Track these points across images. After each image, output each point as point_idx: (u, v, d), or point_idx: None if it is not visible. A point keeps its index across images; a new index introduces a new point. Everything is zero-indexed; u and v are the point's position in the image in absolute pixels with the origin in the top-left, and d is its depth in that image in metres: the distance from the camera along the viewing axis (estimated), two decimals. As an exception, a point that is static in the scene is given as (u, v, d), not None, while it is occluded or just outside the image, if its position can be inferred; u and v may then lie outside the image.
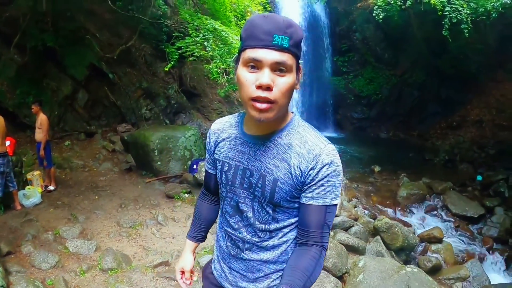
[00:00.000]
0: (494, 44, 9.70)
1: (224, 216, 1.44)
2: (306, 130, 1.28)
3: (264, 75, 1.12)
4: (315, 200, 1.23)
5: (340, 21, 12.88)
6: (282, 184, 1.24)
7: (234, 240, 1.41)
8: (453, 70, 10.42)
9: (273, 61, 1.12)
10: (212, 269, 1.57)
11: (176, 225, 5.00)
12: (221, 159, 1.40)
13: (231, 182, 1.36)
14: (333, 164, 1.21)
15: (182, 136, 7.04)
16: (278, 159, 1.25)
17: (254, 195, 1.31)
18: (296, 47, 1.15)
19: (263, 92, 1.13)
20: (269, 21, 1.13)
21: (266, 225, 1.32)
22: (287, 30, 1.12)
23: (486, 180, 8.40)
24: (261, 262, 1.37)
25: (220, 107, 12.33)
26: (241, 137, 1.35)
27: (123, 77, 8.67)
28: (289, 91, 1.17)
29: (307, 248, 1.25)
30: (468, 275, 5.22)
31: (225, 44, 6.04)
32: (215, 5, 6.62)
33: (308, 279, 1.18)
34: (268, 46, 1.11)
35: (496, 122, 9.79)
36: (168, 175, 6.71)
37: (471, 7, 6.50)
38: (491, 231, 6.77)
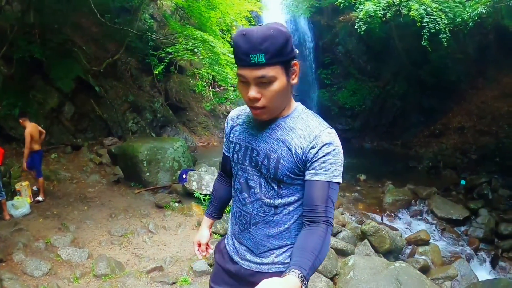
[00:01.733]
0: (473, 53, 10.07)
1: (235, 192, 1.57)
2: (309, 116, 1.43)
3: (250, 91, 1.29)
4: (317, 175, 1.32)
5: (323, 34, 13.17)
6: (284, 161, 1.36)
7: (243, 215, 1.53)
8: (434, 80, 10.73)
9: (254, 77, 1.26)
10: (225, 244, 1.70)
11: (167, 233, 4.99)
12: (234, 140, 1.55)
13: (241, 160, 1.50)
14: (332, 144, 1.33)
15: (171, 148, 7.07)
16: (281, 140, 1.39)
17: (260, 172, 1.44)
18: (276, 56, 1.25)
19: (253, 102, 1.31)
20: (246, 40, 1.24)
21: (271, 200, 1.44)
22: (262, 47, 1.22)
23: (470, 184, 8.62)
24: (266, 237, 1.48)
25: (206, 121, 12.40)
26: (252, 121, 1.51)
27: (110, 90, 8.69)
28: (277, 95, 1.31)
29: (313, 227, 1.31)
30: (456, 274, 5.32)
31: (214, 53, 6.17)
32: (201, 19, 6.77)
33: (317, 258, 1.24)
34: (247, 66, 1.25)
35: (477, 128, 10.07)
36: (157, 185, 6.70)
37: (449, 17, 6.78)
38: (476, 232, 6.91)
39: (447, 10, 6.78)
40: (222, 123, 12.56)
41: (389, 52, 11.72)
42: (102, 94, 8.46)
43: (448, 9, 6.81)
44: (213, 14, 6.82)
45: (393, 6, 6.95)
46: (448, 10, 6.81)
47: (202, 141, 12.10)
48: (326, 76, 13.66)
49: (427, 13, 6.68)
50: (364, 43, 12.23)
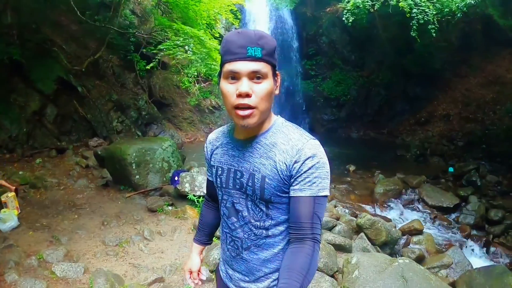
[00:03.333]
0: (456, 42, 10.17)
1: (223, 218, 1.53)
2: (290, 129, 1.38)
3: (243, 84, 1.24)
4: (302, 191, 1.28)
5: (307, 26, 13.10)
6: (270, 180, 1.32)
7: (233, 241, 1.49)
8: (418, 68, 10.81)
9: (249, 70, 1.24)
10: (219, 271, 1.67)
11: (164, 239, 4.86)
12: (216, 164, 1.51)
13: (225, 184, 1.46)
14: (316, 156, 1.29)
15: (159, 148, 6.88)
16: (264, 157, 1.35)
17: (246, 194, 1.39)
18: (270, 56, 1.27)
19: (243, 100, 1.25)
20: (242, 36, 1.25)
21: (261, 222, 1.39)
22: (259, 42, 1.25)
23: (458, 171, 8.77)
24: (260, 261, 1.44)
25: (191, 116, 12.23)
26: (231, 142, 1.47)
27: (92, 90, 8.41)
28: (267, 96, 1.28)
29: (300, 244, 1.28)
30: (451, 262, 5.41)
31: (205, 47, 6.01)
32: (188, 13, 6.55)
33: (305, 278, 1.21)
34: (243, 58, 1.24)
35: (462, 115, 10.23)
36: (148, 188, 6.52)
37: (437, 8, 6.80)
38: (467, 219, 7.04)
39: (435, 1, 6.79)
40: (208, 118, 12.41)
41: (373, 42, 11.75)
42: (84, 94, 8.17)
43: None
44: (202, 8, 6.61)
45: (381, -4, 6.92)
46: (436, 0, 6.82)
47: (188, 137, 11.94)
48: (311, 67, 13.65)
49: (416, 3, 6.68)
50: (348, 34, 12.21)
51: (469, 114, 10.03)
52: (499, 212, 6.91)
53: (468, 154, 9.32)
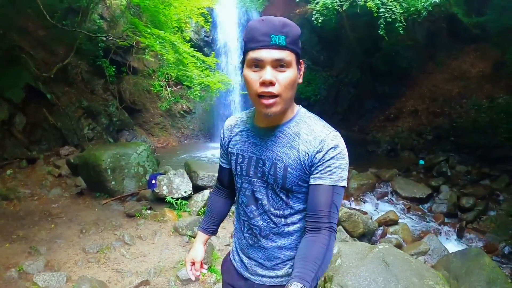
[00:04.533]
0: (422, 40, 10.56)
1: (241, 206, 1.52)
2: (313, 120, 1.38)
3: (267, 72, 1.23)
4: (322, 180, 1.29)
5: (275, 27, 13.23)
6: (292, 169, 1.33)
7: (251, 229, 1.48)
8: (386, 67, 11.13)
9: (273, 58, 1.23)
10: (231, 261, 1.65)
11: (145, 243, 4.80)
12: (235, 151, 1.49)
13: (245, 172, 1.45)
14: (338, 147, 1.30)
15: (134, 153, 6.78)
16: (287, 147, 1.35)
17: (267, 183, 1.39)
18: (294, 44, 1.25)
19: (267, 88, 1.24)
20: (266, 23, 1.24)
21: (280, 211, 1.40)
22: (283, 30, 1.23)
23: (428, 163, 9.09)
24: (278, 248, 1.44)
25: (163, 121, 12.10)
26: (252, 130, 1.45)
27: (62, 97, 8.17)
28: (291, 84, 1.27)
29: (316, 234, 1.28)
30: (428, 248, 5.62)
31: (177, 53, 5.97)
32: (159, 17, 6.47)
33: (320, 268, 1.21)
34: (267, 46, 1.22)
35: (430, 110, 10.60)
36: (124, 194, 6.41)
37: (403, 7, 7.06)
38: (440, 208, 7.33)
39: (401, 0, 7.04)
40: (179, 122, 12.30)
41: (341, 42, 12.00)
42: (54, 101, 7.92)
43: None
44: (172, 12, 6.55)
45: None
46: (402, 0, 7.07)
47: (160, 142, 11.80)
48: (283, 68, 13.78)
49: (383, 3, 6.91)
50: (316, 34, 12.42)
51: (436, 108, 10.41)
52: (470, 199, 7.23)
53: (437, 147, 9.67)
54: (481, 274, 4.16)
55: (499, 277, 4.16)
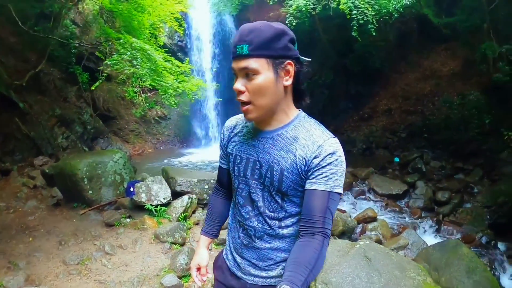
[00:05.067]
0: (394, 40, 10.82)
1: (237, 207, 1.53)
2: (312, 125, 1.39)
3: (235, 83, 1.30)
4: (317, 185, 1.29)
5: (248, 32, 13.26)
6: (288, 173, 1.34)
7: (246, 230, 1.49)
8: (359, 67, 11.33)
9: (239, 68, 1.28)
10: (224, 260, 1.66)
11: (126, 252, 4.72)
12: (234, 152, 1.51)
13: (243, 173, 1.46)
14: (335, 153, 1.30)
15: (111, 161, 6.65)
16: (284, 150, 1.35)
17: (264, 185, 1.41)
18: (261, 49, 1.25)
19: (238, 96, 1.31)
20: (238, 33, 1.27)
21: (275, 214, 1.41)
22: (247, 38, 1.24)
23: (403, 160, 9.29)
24: (272, 250, 1.45)
25: (137, 128, 11.94)
26: (251, 132, 1.46)
27: (34, 105, 7.93)
28: (260, 91, 1.28)
29: (310, 238, 1.28)
30: (407, 243, 5.74)
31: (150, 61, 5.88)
32: (132, 23, 6.36)
33: (311, 272, 1.21)
34: (234, 58, 1.28)
35: (403, 109, 10.86)
36: (102, 203, 6.27)
37: (375, 9, 7.24)
38: (417, 203, 7.51)
39: (373, 3, 7.22)
40: (155, 129, 12.16)
41: (314, 44, 12.13)
42: (26, 110, 7.68)
43: (374, 1, 7.24)
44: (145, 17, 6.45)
45: (322, 0, 7.21)
46: (374, 2, 7.25)
47: (136, 150, 11.64)
48: (254, 71, 13.82)
49: (355, 5, 7.06)
50: (289, 37, 12.53)
51: (409, 107, 10.68)
52: (446, 193, 7.45)
53: (411, 144, 9.92)
54: (461, 264, 4.27)
55: (478, 266, 4.30)
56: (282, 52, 1.29)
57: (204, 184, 6.02)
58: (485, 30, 7.58)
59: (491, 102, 8.32)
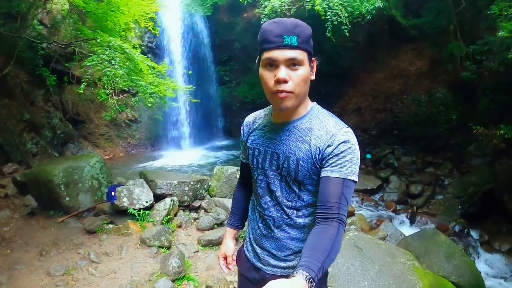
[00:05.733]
0: (363, 41, 11.11)
1: (256, 198, 1.60)
2: (326, 116, 1.47)
3: (281, 71, 1.31)
4: (332, 172, 1.34)
5: (219, 32, 13.25)
6: (304, 162, 1.40)
7: (265, 220, 1.55)
8: (329, 68, 11.56)
9: (286, 58, 1.30)
10: (245, 251, 1.72)
11: (112, 259, 4.61)
12: (252, 146, 1.58)
13: (261, 165, 1.53)
14: (348, 142, 1.36)
15: (87, 165, 6.44)
16: (300, 141, 1.42)
17: (281, 175, 1.47)
18: (305, 43, 1.33)
19: (281, 85, 1.32)
20: (278, 25, 1.32)
21: (293, 203, 1.47)
22: (295, 30, 1.31)
23: (376, 157, 9.60)
24: (290, 239, 1.51)
25: (108, 132, 11.62)
26: (269, 125, 1.54)
27: (2, 110, 7.53)
28: (303, 82, 1.35)
29: (325, 225, 1.31)
30: (386, 234, 5.98)
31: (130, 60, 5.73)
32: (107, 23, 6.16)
33: (327, 258, 1.23)
34: (280, 47, 1.30)
35: (373, 107, 11.19)
36: (80, 209, 6.06)
37: (348, 10, 7.46)
38: (391, 196, 7.82)
39: (346, 5, 7.43)
40: (125, 132, 11.88)
41: (286, 45, 12.27)
42: (-7, 115, 7.30)
43: (347, 3, 7.47)
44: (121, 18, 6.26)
45: (297, 1, 7.34)
46: (347, 4, 7.47)
47: (107, 154, 11.31)
48: (225, 72, 13.82)
49: (330, 7, 7.24)
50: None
51: (379, 105, 11.03)
52: (418, 186, 7.80)
53: (382, 141, 10.26)
54: (440, 251, 4.51)
55: (456, 251, 4.56)
56: (311, 50, 1.38)
57: (185, 186, 5.96)
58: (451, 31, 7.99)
59: (458, 98, 8.77)
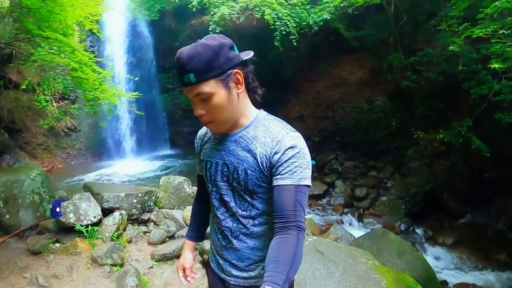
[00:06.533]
0: (305, 51, 11.51)
1: (213, 210, 1.60)
2: (271, 122, 1.45)
3: (195, 108, 1.37)
4: (283, 180, 1.33)
5: (163, 38, 12.93)
6: (252, 171, 1.40)
7: (223, 231, 1.55)
8: (272, 76, 11.79)
9: (193, 96, 1.34)
10: (210, 262, 1.72)
11: (63, 282, 4.29)
12: (205, 158, 1.58)
13: (213, 177, 1.53)
14: (296, 147, 1.34)
15: (27, 178, 5.93)
16: (246, 150, 1.42)
17: (232, 186, 1.47)
18: (205, 73, 1.29)
19: (201, 119, 1.39)
20: (177, 63, 1.30)
21: (247, 212, 1.47)
22: (188, 67, 1.27)
23: (320, 163, 9.95)
24: (249, 249, 1.51)
25: (46, 141, 10.85)
26: (217, 137, 1.54)
27: None
28: (219, 109, 1.35)
29: (284, 234, 1.29)
30: (337, 237, 6.23)
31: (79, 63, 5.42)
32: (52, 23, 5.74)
33: (291, 269, 1.22)
34: (184, 86, 1.34)
35: (315, 115, 11.60)
36: (22, 228, 5.56)
37: (296, 21, 7.72)
38: (338, 200, 8.16)
39: (294, 15, 7.69)
40: (64, 142, 11.16)
41: (229, 54, 12.31)
42: None
43: (295, 14, 7.73)
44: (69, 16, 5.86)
45: (247, 10, 7.44)
46: (295, 15, 7.72)
47: (45, 166, 10.51)
48: (168, 80, 13.53)
49: (279, 17, 7.42)
50: (203, 46, 12.52)
51: (320, 113, 11.46)
52: (363, 189, 8.23)
53: (325, 147, 10.67)
54: (391, 249, 4.79)
55: (407, 248, 4.88)
56: (226, 66, 1.32)
57: (132, 198, 5.66)
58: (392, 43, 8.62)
59: (397, 106, 9.43)
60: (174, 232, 5.45)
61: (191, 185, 6.53)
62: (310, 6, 8.34)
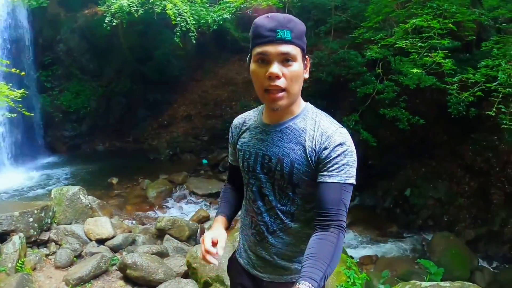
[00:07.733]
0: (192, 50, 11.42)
1: (248, 202, 1.53)
2: (319, 116, 1.41)
3: (273, 67, 1.25)
4: (330, 177, 1.29)
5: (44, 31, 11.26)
6: (299, 165, 1.35)
7: (258, 226, 1.49)
8: (158, 75, 11.48)
9: (279, 52, 1.25)
10: (238, 259, 1.65)
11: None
12: (243, 148, 1.51)
13: (252, 168, 1.45)
14: (345, 144, 1.31)
15: None
16: (294, 143, 1.37)
17: (274, 178, 1.41)
18: (299, 39, 1.28)
19: (274, 81, 1.26)
20: (272, 19, 1.27)
21: (287, 207, 1.42)
22: (289, 25, 1.26)
23: (213, 161, 10.06)
24: (285, 245, 1.46)
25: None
26: (260, 126, 1.47)
27: None
28: (297, 78, 1.30)
29: (325, 232, 1.26)
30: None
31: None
32: None
33: (329, 266, 1.19)
34: (273, 41, 1.24)
35: (202, 114, 11.63)
36: None
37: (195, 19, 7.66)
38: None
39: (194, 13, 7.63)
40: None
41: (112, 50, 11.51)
42: None
43: (195, 11, 7.67)
44: None
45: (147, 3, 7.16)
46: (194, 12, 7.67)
47: None
48: (47, 78, 11.87)
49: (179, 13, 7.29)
50: (87, 41, 11.47)
51: (208, 112, 11.55)
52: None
53: (214, 146, 10.76)
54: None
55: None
56: (305, 47, 1.34)
57: (28, 216, 4.69)
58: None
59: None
60: (80, 250, 4.84)
61: (87, 194, 5.96)
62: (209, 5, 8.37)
